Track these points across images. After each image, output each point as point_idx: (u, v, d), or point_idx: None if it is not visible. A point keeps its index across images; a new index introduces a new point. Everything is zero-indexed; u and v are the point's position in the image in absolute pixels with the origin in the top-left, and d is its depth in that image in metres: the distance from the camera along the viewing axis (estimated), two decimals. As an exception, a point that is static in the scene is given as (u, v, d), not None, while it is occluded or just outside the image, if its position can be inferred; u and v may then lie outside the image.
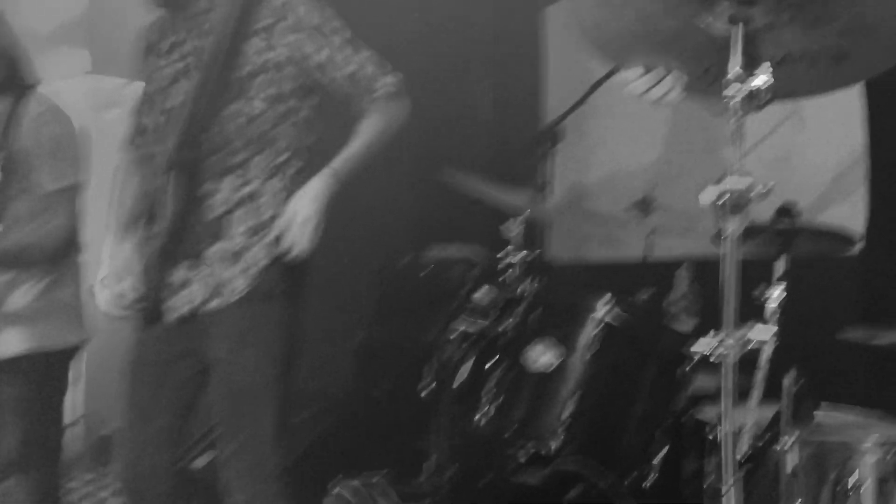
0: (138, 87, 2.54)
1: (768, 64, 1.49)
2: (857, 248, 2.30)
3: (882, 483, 1.82)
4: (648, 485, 2.12)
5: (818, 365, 1.99)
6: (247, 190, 2.20)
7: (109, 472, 2.45)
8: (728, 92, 1.48)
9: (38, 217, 2.68)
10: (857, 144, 2.65)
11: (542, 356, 2.20)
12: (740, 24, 1.47)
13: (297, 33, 2.18)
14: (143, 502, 2.26)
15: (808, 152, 3.18)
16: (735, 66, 1.48)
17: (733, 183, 1.49)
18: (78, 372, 2.89)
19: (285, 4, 2.20)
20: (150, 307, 2.23)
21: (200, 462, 3.22)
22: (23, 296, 2.74)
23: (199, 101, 2.15)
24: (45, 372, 2.76)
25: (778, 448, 1.90)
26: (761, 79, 1.48)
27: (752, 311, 1.82)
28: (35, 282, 2.75)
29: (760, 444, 1.93)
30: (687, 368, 2.18)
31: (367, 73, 2.24)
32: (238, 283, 2.18)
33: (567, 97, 3.07)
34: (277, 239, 2.15)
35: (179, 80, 2.22)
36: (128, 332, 2.37)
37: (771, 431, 1.94)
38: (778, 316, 1.97)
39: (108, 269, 2.31)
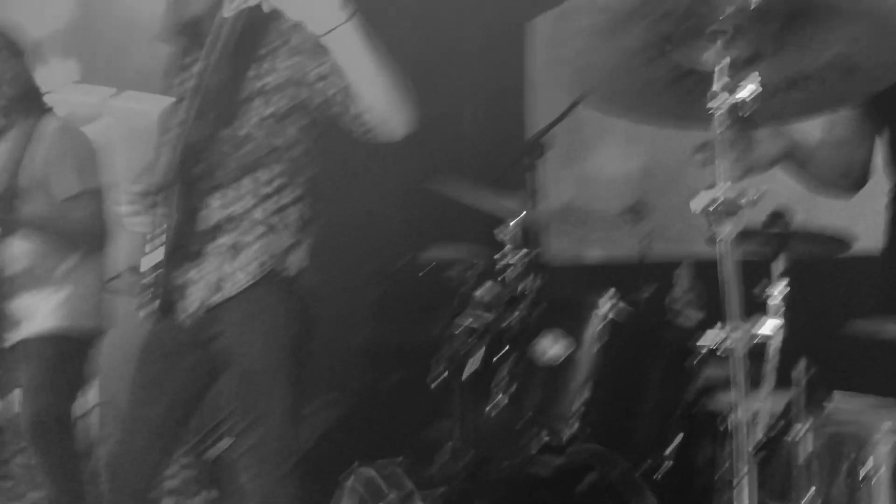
0: (127, 96, 2.58)
1: (756, 74, 1.47)
2: (879, 246, 2.27)
3: None
4: (661, 475, 2.11)
5: (829, 354, 1.99)
6: (237, 207, 2.24)
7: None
8: (713, 103, 1.47)
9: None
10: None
11: (550, 349, 2.21)
12: (725, 37, 1.46)
13: (300, 55, 2.20)
14: (123, 487, 2.27)
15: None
16: (722, 78, 1.47)
17: (724, 189, 1.48)
18: (96, 364, 2.93)
19: (292, 27, 2.21)
20: (161, 304, 2.28)
21: (215, 451, 3.26)
22: (57, 279, 2.83)
23: (196, 121, 2.19)
24: (64, 356, 2.83)
25: (790, 438, 1.91)
26: (748, 89, 1.47)
27: (755, 307, 1.82)
28: (67, 268, 2.83)
29: (773, 433, 1.93)
30: (695, 362, 2.17)
31: None
32: (239, 276, 2.22)
33: (552, 106, 3.07)
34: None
35: (186, 98, 2.25)
36: (143, 324, 2.41)
37: (783, 420, 1.94)
38: (783, 311, 1.95)
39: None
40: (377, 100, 2.15)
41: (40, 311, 2.89)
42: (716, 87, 1.48)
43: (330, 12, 2.05)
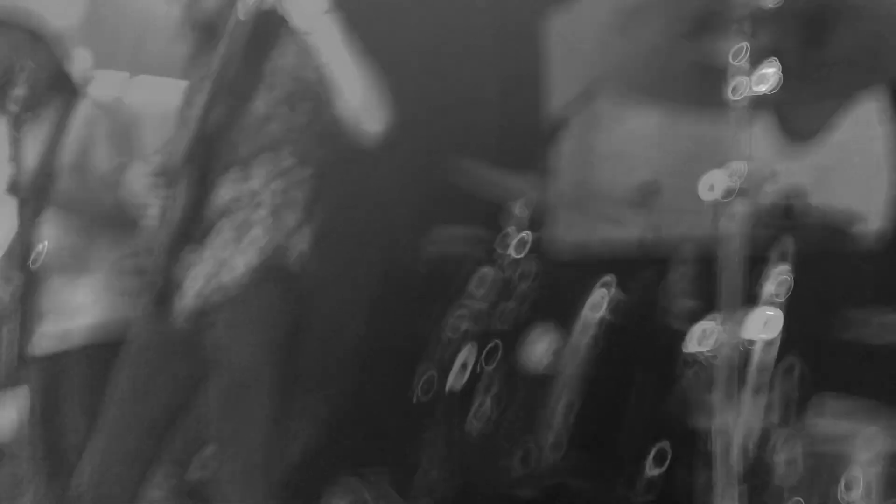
0: (141, 80, 2.58)
1: (776, 62, 1.47)
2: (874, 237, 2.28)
3: (879, 489, 1.82)
4: (644, 487, 2.12)
5: (817, 356, 2.00)
6: (247, 186, 2.23)
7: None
8: (733, 95, 1.47)
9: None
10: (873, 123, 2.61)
11: (538, 351, 2.22)
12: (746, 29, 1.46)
13: (301, 53, 2.19)
14: (105, 498, 2.24)
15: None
16: (741, 71, 1.47)
17: (736, 171, 1.49)
18: None
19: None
20: (157, 294, 2.26)
21: (196, 464, 3.25)
22: (91, 267, 2.83)
23: (212, 103, 2.19)
24: (111, 358, 2.84)
25: (775, 444, 1.91)
26: (768, 82, 1.48)
27: (750, 297, 1.83)
28: (101, 256, 2.82)
29: (757, 440, 1.93)
30: (682, 367, 2.18)
31: None
32: (237, 263, 2.20)
33: (570, 86, 3.07)
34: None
35: (202, 82, 2.24)
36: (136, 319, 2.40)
37: (768, 427, 1.95)
38: (779, 304, 1.96)
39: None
40: (352, 98, 2.14)
41: (81, 312, 2.87)
42: (735, 80, 1.49)
43: (313, 1, 2.07)
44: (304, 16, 2.08)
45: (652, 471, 2.11)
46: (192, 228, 2.24)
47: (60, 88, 2.91)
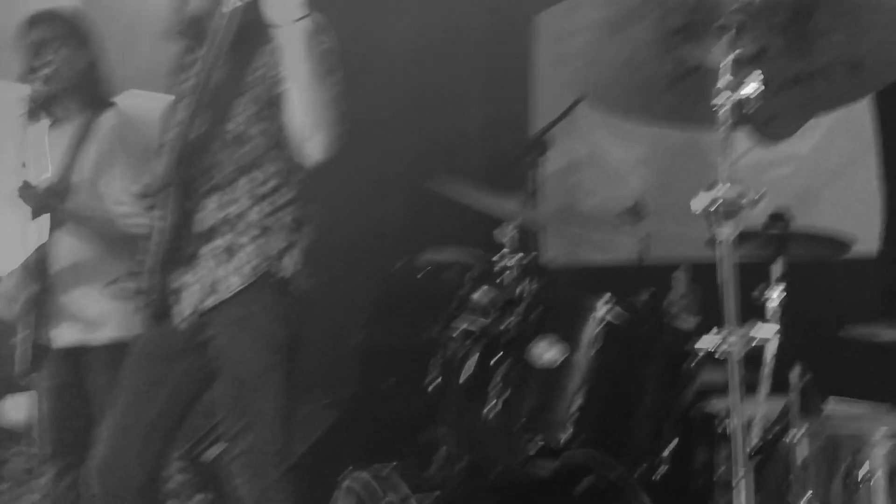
0: (129, 94, 2.56)
1: (759, 72, 1.47)
2: (875, 249, 2.28)
3: (893, 474, 1.83)
4: (658, 477, 2.12)
5: (825, 359, 2.01)
6: (233, 209, 2.23)
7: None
8: (717, 101, 1.47)
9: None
10: (865, 143, 2.60)
11: (546, 352, 2.22)
12: (731, 32, 1.46)
13: (276, 54, 2.17)
14: (113, 491, 2.24)
15: (807, 153, 3.16)
16: (725, 75, 1.47)
17: (725, 190, 1.48)
18: None
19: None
20: (155, 310, 2.27)
21: (210, 454, 3.24)
22: (104, 278, 2.80)
23: (195, 120, 2.19)
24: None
25: (787, 440, 1.92)
26: (751, 87, 1.47)
27: (752, 311, 1.82)
28: (114, 267, 2.80)
29: (770, 436, 1.94)
30: (692, 364, 2.18)
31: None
32: (232, 280, 2.20)
33: (556, 105, 3.07)
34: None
35: (186, 97, 2.24)
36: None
37: (780, 424, 1.95)
38: (780, 315, 1.95)
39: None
40: (300, 113, 2.12)
41: (101, 316, 2.84)
42: (720, 84, 1.48)
43: (289, 6, 2.04)
44: (277, 9, 2.05)
45: (664, 453, 2.13)
46: (183, 245, 2.24)
47: (87, 98, 2.87)
